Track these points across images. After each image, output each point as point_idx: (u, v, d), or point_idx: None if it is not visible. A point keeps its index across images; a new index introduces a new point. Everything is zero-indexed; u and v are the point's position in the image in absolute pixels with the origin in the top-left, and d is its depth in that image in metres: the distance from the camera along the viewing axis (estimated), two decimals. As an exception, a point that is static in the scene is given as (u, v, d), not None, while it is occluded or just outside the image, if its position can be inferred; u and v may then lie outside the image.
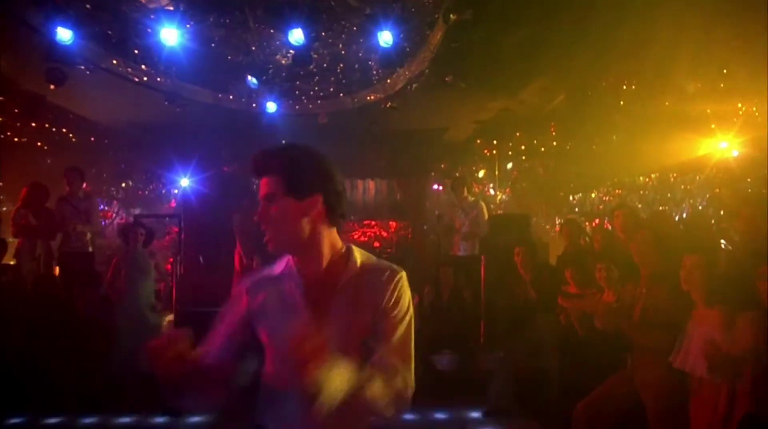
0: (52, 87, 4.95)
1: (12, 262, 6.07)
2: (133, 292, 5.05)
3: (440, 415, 4.87)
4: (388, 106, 6.54)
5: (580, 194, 9.66)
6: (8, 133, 7.32)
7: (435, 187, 10.88)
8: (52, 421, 4.81)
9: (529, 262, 5.11)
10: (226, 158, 9.32)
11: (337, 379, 1.26)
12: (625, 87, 6.02)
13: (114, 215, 11.88)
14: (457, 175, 8.37)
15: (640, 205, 8.19)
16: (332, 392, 1.25)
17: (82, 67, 4.82)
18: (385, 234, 11.06)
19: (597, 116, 6.89)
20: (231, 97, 6.30)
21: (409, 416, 4.82)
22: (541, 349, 4.72)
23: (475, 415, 4.84)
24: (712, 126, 5.78)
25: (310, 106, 6.76)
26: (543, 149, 8.93)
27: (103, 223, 10.64)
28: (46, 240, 6.21)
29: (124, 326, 5.00)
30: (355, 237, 10.55)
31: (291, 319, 1.40)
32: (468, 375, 5.34)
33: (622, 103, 6.19)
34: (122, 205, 11.94)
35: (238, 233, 6.97)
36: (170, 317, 5.98)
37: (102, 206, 12.17)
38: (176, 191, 11.02)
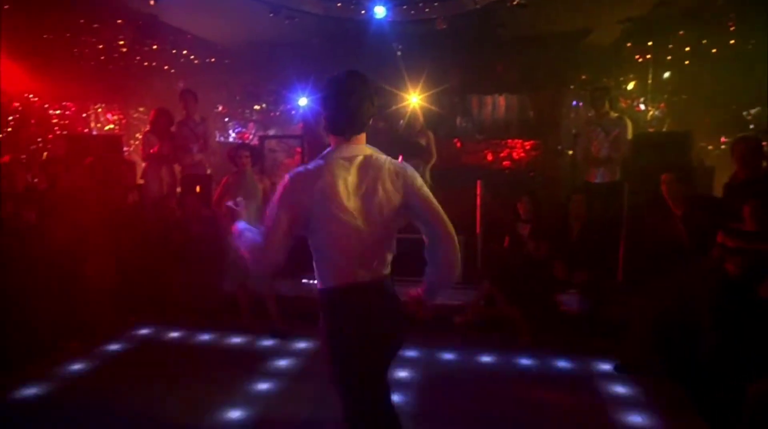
0: (152, 2, 4.79)
1: (140, 182, 6.39)
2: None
3: (563, 364, 4.31)
4: (515, 3, 5.54)
5: (758, 108, 7.89)
6: (138, 58, 7.56)
7: (573, 103, 9.63)
8: (174, 334, 5.06)
9: (680, 192, 4.13)
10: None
11: None
12: None
13: (251, 137, 12.35)
14: (599, 85, 7.09)
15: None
16: None
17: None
18: (515, 154, 10.24)
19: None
20: (339, 4, 5.75)
21: (527, 362, 4.35)
22: (691, 299, 3.87)
23: (605, 367, 4.19)
24: None
25: (426, 9, 5.98)
26: (714, 51, 7.25)
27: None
28: (169, 162, 6.42)
29: (230, 247, 4.98)
30: (486, 157, 9.87)
31: None
32: (599, 321, 4.65)
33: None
34: (258, 127, 12.34)
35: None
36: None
37: (239, 128, 12.73)
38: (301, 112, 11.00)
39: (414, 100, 7.46)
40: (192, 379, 4.04)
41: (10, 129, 7.94)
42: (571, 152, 7.92)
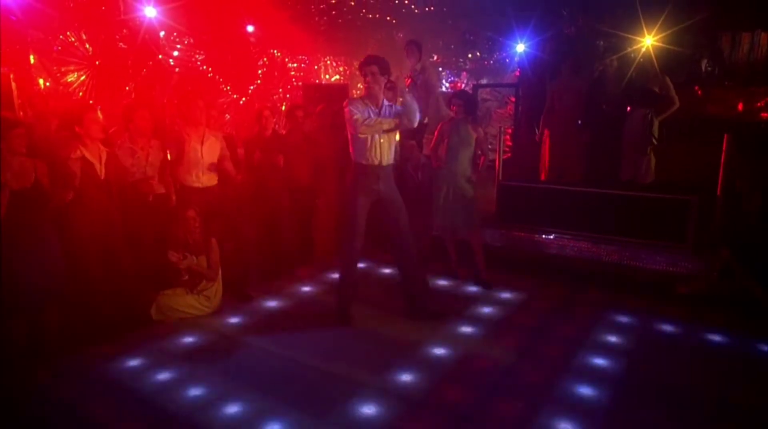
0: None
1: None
2: (453, 160, 5.02)
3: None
4: None
5: None
6: (363, 10, 8.00)
7: None
8: (385, 271, 5.48)
9: None
10: (567, 18, 8.27)
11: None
12: None
13: (462, 86, 12.36)
14: None
15: None
16: None
17: None
18: (778, 105, 8.50)
19: None
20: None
21: None
22: None
23: None
24: None
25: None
26: None
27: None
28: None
29: (440, 192, 5.08)
30: (735, 106, 8.39)
31: None
32: None
33: None
34: (471, 76, 12.29)
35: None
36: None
37: (451, 78, 12.83)
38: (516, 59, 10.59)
39: (648, 41, 6.64)
40: (399, 313, 4.34)
41: (259, 81, 9.17)
42: None
